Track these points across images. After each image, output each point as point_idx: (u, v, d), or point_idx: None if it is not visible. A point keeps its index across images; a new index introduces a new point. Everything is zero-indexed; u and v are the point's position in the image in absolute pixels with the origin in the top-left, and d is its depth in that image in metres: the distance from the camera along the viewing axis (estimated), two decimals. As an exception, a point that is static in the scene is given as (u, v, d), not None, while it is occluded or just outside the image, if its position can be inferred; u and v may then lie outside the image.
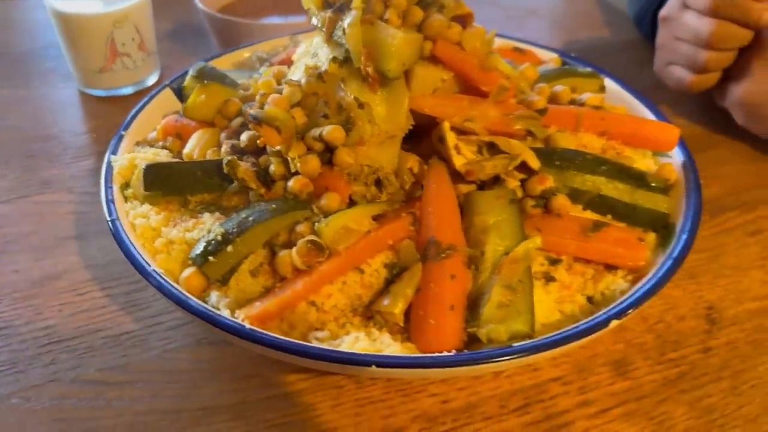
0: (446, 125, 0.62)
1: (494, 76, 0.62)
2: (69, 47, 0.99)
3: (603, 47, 1.22)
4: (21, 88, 1.08)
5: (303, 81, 0.64)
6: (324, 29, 0.65)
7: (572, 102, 0.72)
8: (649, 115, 0.75)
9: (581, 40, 1.24)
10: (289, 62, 0.76)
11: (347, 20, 0.62)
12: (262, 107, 0.63)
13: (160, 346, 0.66)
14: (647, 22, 1.11)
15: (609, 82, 0.81)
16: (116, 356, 0.65)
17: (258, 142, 0.61)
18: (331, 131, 0.60)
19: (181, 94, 0.78)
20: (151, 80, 1.06)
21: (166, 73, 1.10)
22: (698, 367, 0.65)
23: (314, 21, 0.67)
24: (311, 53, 0.68)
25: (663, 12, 0.95)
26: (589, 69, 0.81)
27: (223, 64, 0.86)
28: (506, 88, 0.62)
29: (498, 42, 0.86)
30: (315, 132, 0.61)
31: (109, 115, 1.00)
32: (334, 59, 0.62)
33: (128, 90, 1.04)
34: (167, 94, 0.80)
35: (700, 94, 0.94)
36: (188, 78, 0.75)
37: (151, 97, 0.76)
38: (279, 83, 0.69)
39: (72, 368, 0.64)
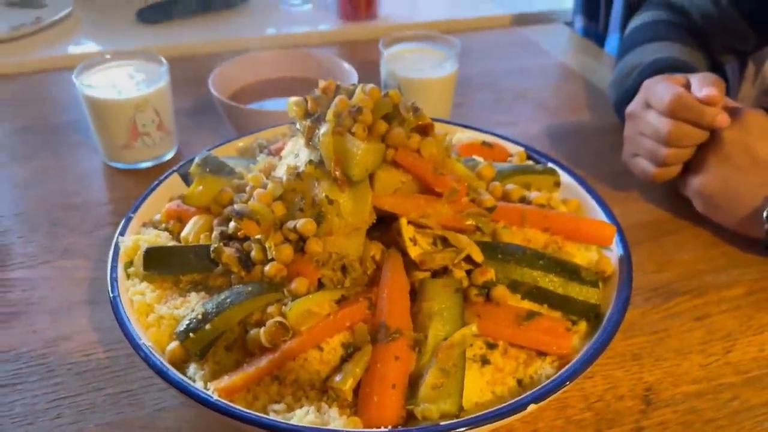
0: (403, 221, 0.71)
1: (446, 179, 0.72)
2: (95, 126, 1.12)
3: (584, 130, 1.31)
4: (52, 158, 1.19)
5: (284, 179, 0.74)
6: (304, 135, 0.75)
7: (522, 199, 0.81)
8: (599, 211, 0.83)
9: (564, 123, 1.33)
10: (280, 154, 0.87)
11: (322, 130, 0.72)
12: (249, 199, 0.74)
13: (152, 405, 0.75)
14: (623, 111, 1.20)
15: (567, 177, 0.89)
16: (114, 413, 0.74)
17: (239, 233, 0.71)
18: (304, 224, 0.70)
19: (187, 179, 0.89)
20: (169, 155, 1.18)
21: (183, 148, 1.21)
22: (629, 444, 0.72)
23: (297, 126, 0.78)
24: (294, 153, 0.79)
25: (629, 108, 1.04)
26: (547, 165, 0.90)
27: (228, 150, 0.97)
28: (456, 190, 0.72)
29: (471, 135, 0.96)
30: (290, 224, 0.71)
31: (129, 188, 1.11)
32: (310, 162, 0.72)
33: (148, 164, 1.15)
34: (175, 177, 0.91)
35: (665, 182, 1.02)
36: (193, 165, 0.86)
37: (159, 182, 0.87)
38: (267, 176, 0.80)
39: (74, 422, 0.73)
